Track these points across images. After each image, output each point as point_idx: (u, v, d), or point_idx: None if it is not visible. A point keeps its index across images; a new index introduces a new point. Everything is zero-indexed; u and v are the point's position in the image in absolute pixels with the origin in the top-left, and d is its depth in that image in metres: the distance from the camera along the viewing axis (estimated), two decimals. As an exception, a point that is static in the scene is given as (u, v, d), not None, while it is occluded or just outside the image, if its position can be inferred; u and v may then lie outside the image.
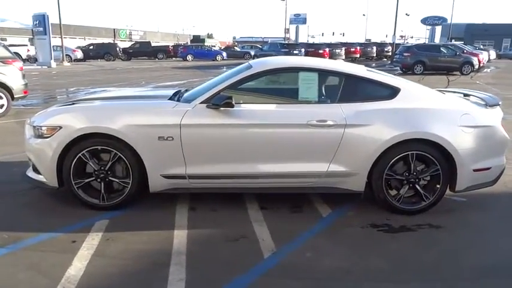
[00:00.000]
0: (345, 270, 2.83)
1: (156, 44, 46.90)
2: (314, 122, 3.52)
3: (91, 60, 34.74)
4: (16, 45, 30.16)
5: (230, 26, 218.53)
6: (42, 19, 25.18)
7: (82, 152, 3.54)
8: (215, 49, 41.64)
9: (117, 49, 37.62)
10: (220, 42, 71.32)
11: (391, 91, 3.71)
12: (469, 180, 3.67)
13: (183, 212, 3.72)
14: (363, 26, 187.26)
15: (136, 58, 38.26)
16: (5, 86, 8.26)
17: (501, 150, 3.78)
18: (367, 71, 3.94)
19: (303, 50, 29.04)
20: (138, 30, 66.88)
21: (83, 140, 3.53)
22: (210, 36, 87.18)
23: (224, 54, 37.03)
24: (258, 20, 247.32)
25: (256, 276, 2.74)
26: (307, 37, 69.60)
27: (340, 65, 4.17)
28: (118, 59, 36.40)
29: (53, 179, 3.63)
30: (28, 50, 32.93)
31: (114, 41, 48.68)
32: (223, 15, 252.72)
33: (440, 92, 4.05)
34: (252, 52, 37.09)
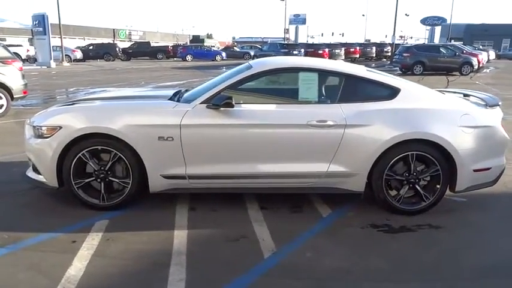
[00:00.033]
0: (345, 270, 2.83)
1: (156, 44, 47.03)
2: (314, 122, 3.52)
3: (90, 60, 34.72)
4: (13, 45, 29.99)
5: (229, 26, 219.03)
6: (41, 19, 25.17)
7: (82, 152, 3.54)
8: (214, 49, 41.63)
9: (116, 49, 37.66)
10: (219, 42, 71.32)
11: (391, 91, 3.71)
12: (469, 180, 3.67)
13: (183, 212, 3.72)
14: (363, 26, 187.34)
15: (135, 58, 38.30)
16: (5, 86, 8.26)
17: (501, 150, 3.79)
18: (367, 71, 3.94)
19: (303, 50, 28.97)
20: (138, 30, 66.90)
21: (83, 140, 3.53)
22: (210, 36, 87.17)
23: (223, 54, 37.02)
24: (258, 20, 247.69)
25: (256, 276, 2.75)
26: (306, 37, 69.75)
27: (340, 65, 4.17)
28: (117, 59, 36.41)
29: (53, 179, 3.63)
30: (28, 50, 32.90)
31: (113, 41, 48.66)
32: (222, 15, 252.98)
33: (440, 93, 4.05)
34: (252, 52, 37.06)
